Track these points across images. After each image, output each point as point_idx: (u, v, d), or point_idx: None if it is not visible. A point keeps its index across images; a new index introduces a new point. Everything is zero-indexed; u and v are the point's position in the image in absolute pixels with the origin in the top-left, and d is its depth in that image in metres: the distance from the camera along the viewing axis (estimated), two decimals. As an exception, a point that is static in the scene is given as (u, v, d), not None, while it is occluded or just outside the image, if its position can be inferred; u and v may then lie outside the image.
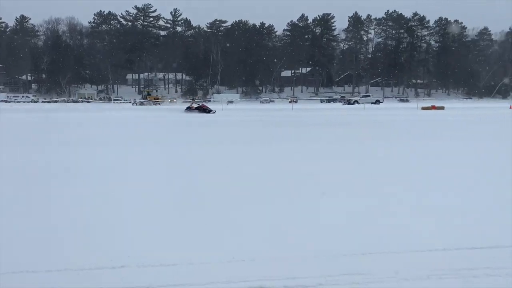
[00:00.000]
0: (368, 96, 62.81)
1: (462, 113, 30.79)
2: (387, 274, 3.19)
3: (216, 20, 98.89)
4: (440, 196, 5.63)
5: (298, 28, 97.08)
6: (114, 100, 73.41)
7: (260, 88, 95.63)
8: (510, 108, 37.73)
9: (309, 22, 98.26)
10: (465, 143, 12.08)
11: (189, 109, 30.69)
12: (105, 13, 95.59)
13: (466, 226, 4.32)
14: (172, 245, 3.82)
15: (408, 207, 5.09)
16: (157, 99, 58.76)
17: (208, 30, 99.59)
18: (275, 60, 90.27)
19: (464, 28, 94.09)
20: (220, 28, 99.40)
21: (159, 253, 3.57)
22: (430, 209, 5.00)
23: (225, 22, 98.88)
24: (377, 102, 56.62)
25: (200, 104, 32.51)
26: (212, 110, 30.30)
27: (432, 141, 12.53)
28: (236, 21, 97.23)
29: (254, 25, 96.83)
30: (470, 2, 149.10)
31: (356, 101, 55.15)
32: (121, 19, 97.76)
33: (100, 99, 79.85)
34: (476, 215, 4.76)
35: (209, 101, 72.11)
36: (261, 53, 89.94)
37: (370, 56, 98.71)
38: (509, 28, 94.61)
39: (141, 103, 55.18)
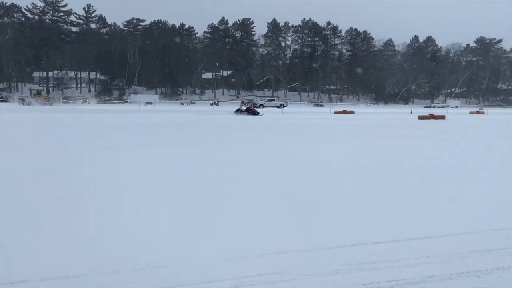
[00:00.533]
0: (273, 100, 63.82)
1: (370, 117, 33.32)
2: (299, 272, 3.31)
3: (133, 18, 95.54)
4: (343, 195, 5.99)
5: (219, 31, 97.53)
6: (19, 99, 67.02)
7: (181, 89, 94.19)
8: (411, 113, 41.58)
9: (229, 25, 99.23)
10: (378, 142, 13.08)
11: (238, 111, 31.72)
12: (8, 4, 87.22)
13: (372, 221, 4.65)
14: (74, 255, 3.57)
15: (315, 206, 5.35)
16: (49, 98, 55.97)
17: (125, 29, 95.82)
18: (196, 62, 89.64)
19: (371, 38, 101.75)
20: (138, 27, 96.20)
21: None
22: (335, 208, 5.31)
23: (143, 21, 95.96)
24: (281, 106, 57.29)
25: (249, 107, 33.41)
26: (260, 113, 31.53)
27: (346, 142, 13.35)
28: (154, 20, 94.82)
29: (173, 25, 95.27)
30: (378, 15, 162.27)
31: (262, 105, 55.58)
32: (27, 12, 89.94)
33: (1, 98, 72.45)
34: (372, 211, 5.15)
35: (126, 101, 69.37)
36: (181, 54, 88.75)
37: (288, 62, 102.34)
38: (410, 41, 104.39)
39: (29, 103, 51.41)
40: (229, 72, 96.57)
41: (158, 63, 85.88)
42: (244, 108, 32.48)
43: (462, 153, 11.27)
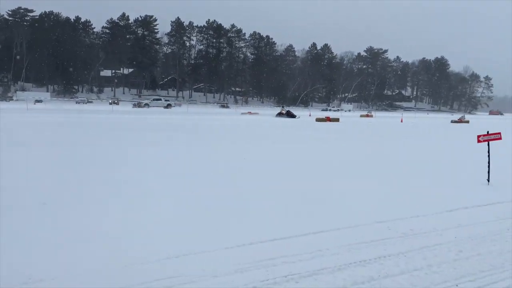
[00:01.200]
0: (160, 99, 59.79)
1: (274, 119, 34.55)
2: (198, 274, 3.28)
3: (20, 8, 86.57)
4: (239, 195, 6.12)
5: (119, 27, 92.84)
6: None
7: (76, 87, 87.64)
8: (309, 116, 44.09)
9: (130, 22, 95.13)
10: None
11: (280, 114, 37.50)
12: None
13: (270, 219, 4.80)
14: None
15: (214, 207, 5.38)
16: None
17: (10, 19, 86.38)
18: (94, 58, 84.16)
19: (274, 43, 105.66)
20: (26, 18, 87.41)
21: None
22: (233, 207, 5.39)
23: (32, 11, 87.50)
24: (169, 106, 54.55)
25: (287, 111, 38.78)
26: (296, 116, 36.51)
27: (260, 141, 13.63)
28: (45, 11, 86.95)
29: (67, 18, 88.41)
30: (278, 21, 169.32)
31: (147, 104, 52.75)
32: None
33: None
34: (270, 210, 5.35)
35: (11, 99, 62.58)
36: (77, 49, 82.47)
37: (193, 62, 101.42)
38: (308, 47, 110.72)
39: None
40: (130, 70, 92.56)
41: (49, 57, 78.67)
42: (284, 111, 38.00)
43: (353, 151, 12.21)
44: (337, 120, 33.80)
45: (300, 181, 7.32)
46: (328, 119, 33.59)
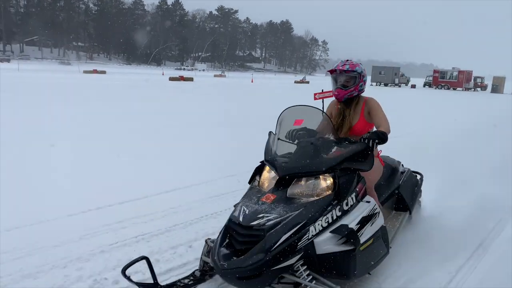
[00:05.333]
0: None
1: (122, 77, 32.48)
2: (36, 246, 2.96)
3: None
4: (72, 160, 5.73)
5: None
6: None
7: None
8: (163, 74, 42.86)
9: None
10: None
11: None
12: None
13: (117, 183, 4.59)
14: None
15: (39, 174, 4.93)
16: None
17: None
18: None
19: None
20: None
21: None
22: (72, 173, 5.02)
23: None
24: None
25: None
26: None
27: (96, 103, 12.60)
28: None
29: None
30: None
31: None
32: None
33: None
34: (116, 172, 5.14)
35: None
36: None
37: (23, 11, 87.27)
38: (158, 2, 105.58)
39: None
40: None
41: None
42: None
43: (201, 111, 12.34)
44: (191, 79, 33.63)
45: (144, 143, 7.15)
46: (182, 78, 33.19)
